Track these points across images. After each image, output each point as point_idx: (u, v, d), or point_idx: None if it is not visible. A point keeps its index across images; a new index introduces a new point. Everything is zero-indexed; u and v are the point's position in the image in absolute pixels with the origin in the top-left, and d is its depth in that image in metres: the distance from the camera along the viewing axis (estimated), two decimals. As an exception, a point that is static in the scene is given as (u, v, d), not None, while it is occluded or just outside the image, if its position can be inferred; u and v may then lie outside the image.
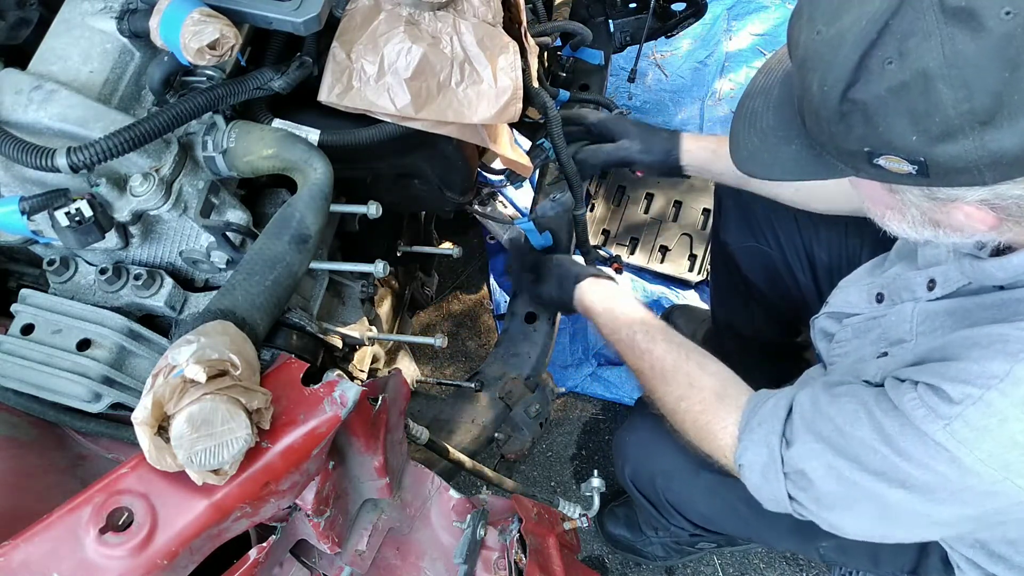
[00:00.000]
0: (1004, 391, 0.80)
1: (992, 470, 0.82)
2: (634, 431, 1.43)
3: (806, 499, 1.00)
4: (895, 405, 0.88)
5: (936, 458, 0.84)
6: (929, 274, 1.02)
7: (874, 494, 0.91)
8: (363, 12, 1.07)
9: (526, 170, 1.35)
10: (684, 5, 1.85)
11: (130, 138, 0.87)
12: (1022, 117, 0.66)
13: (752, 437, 1.06)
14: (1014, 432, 0.80)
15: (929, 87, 0.68)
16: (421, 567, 1.01)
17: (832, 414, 0.95)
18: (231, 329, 0.81)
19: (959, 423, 0.82)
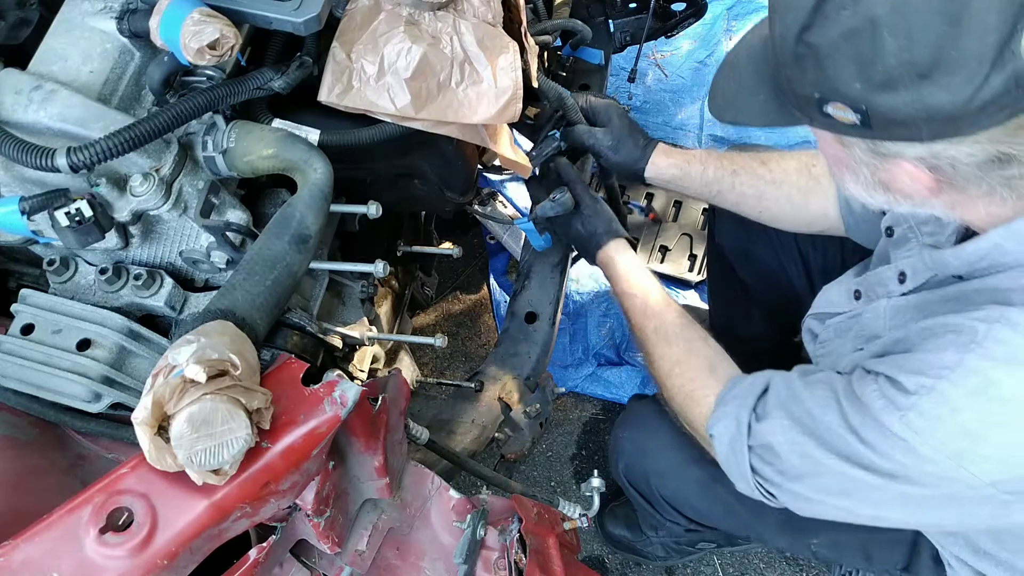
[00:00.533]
0: (955, 381, 0.81)
1: (946, 458, 0.84)
2: (628, 428, 1.43)
3: (771, 472, 1.02)
4: (858, 396, 0.90)
5: (895, 448, 0.86)
6: (899, 267, 1.04)
7: (838, 472, 0.93)
8: (363, 12, 1.07)
9: (525, 170, 1.35)
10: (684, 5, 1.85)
11: (130, 138, 0.87)
12: (957, 74, 0.68)
13: (725, 409, 1.08)
14: (965, 421, 0.82)
15: (876, 34, 0.70)
16: (421, 567, 1.01)
17: (804, 397, 0.97)
18: (231, 329, 0.81)
19: (913, 413, 0.84)
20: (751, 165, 1.36)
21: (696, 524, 1.41)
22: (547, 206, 1.34)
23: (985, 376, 0.80)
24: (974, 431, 0.82)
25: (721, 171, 1.36)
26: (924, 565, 1.22)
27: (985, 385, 0.80)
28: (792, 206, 1.33)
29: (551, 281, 1.58)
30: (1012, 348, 0.79)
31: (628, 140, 1.39)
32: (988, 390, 0.80)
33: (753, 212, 1.38)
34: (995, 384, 0.80)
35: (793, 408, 0.98)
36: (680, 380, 1.20)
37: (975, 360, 0.81)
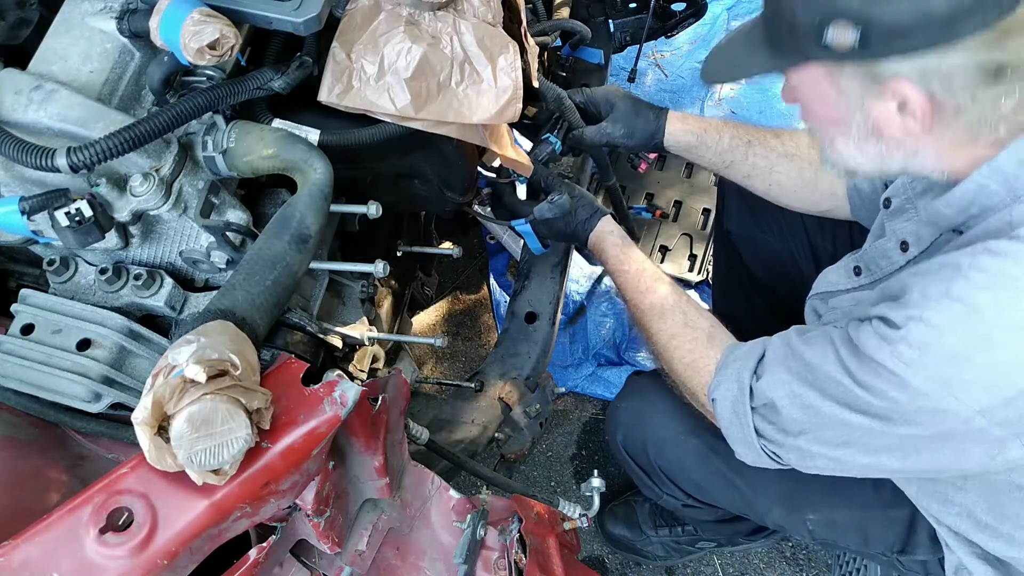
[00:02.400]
0: (940, 310, 0.84)
1: (936, 387, 0.85)
2: (626, 398, 1.44)
3: (773, 432, 1.03)
4: (854, 341, 0.92)
5: (888, 384, 0.88)
6: (900, 236, 1.05)
7: (837, 419, 0.94)
8: (363, 12, 1.07)
9: (526, 170, 1.35)
10: (684, 5, 1.85)
11: (130, 138, 0.87)
12: None
13: (726, 372, 1.09)
14: (950, 345, 0.83)
15: None
16: (421, 567, 1.01)
17: (802, 351, 0.99)
18: (231, 329, 0.81)
19: (903, 345, 0.86)
20: (765, 137, 1.36)
21: (693, 499, 1.41)
22: (545, 208, 1.34)
23: (968, 302, 0.82)
24: (960, 354, 0.83)
25: (736, 140, 1.37)
26: (920, 544, 1.22)
27: (968, 310, 0.82)
28: (803, 181, 1.34)
29: (551, 281, 1.59)
30: (993, 273, 0.81)
31: (638, 120, 1.38)
32: (971, 315, 0.82)
33: (763, 186, 1.38)
34: (978, 308, 0.82)
35: (792, 363, 0.99)
36: (679, 352, 1.20)
37: (959, 288, 0.83)
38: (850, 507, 1.26)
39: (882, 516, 1.24)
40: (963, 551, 1.11)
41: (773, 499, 1.29)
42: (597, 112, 1.41)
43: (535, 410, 1.46)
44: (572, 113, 1.38)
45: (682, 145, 1.40)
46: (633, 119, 1.38)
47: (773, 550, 1.93)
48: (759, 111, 2.57)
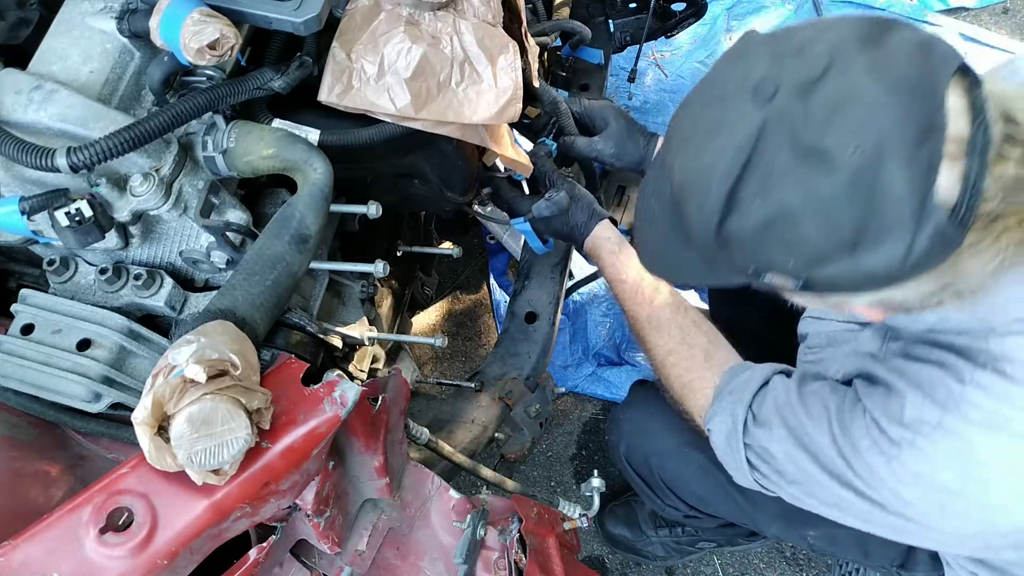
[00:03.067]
0: (935, 440, 0.84)
1: (929, 508, 0.88)
2: (629, 410, 1.44)
3: (767, 470, 1.04)
4: (849, 426, 0.92)
5: (882, 485, 0.90)
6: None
7: (830, 489, 0.95)
8: (363, 12, 1.07)
9: (526, 169, 1.35)
10: (684, 5, 1.85)
11: (130, 138, 0.86)
12: (884, 242, 0.69)
13: (722, 404, 1.09)
14: (945, 481, 0.85)
15: (794, 222, 0.71)
16: (421, 567, 1.01)
17: (799, 411, 0.99)
18: (231, 329, 0.81)
19: (897, 464, 0.87)
20: None
21: (695, 510, 1.41)
22: (542, 206, 1.34)
23: (964, 439, 0.83)
24: (955, 490, 0.85)
25: None
26: (921, 562, 1.22)
27: (965, 448, 0.83)
28: None
29: (551, 281, 1.58)
30: (987, 412, 0.82)
31: (628, 143, 1.38)
32: (967, 453, 0.83)
33: None
34: (973, 448, 0.83)
35: (789, 418, 1.00)
36: (676, 370, 1.20)
37: (953, 421, 0.83)
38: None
39: None
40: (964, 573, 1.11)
41: (773, 515, 1.30)
42: (591, 125, 1.41)
43: (535, 410, 1.46)
44: (566, 117, 1.38)
45: None
46: (624, 141, 1.38)
47: (773, 550, 1.93)
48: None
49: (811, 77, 0.70)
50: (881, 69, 0.68)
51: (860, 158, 0.67)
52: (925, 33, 0.72)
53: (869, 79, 0.68)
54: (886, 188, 0.67)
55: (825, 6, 2.74)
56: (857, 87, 0.68)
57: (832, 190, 0.68)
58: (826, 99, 0.69)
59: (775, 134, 0.71)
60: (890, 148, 0.67)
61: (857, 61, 0.69)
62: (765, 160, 0.71)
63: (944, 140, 0.67)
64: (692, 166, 0.78)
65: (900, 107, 0.67)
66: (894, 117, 0.67)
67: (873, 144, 0.67)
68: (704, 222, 0.77)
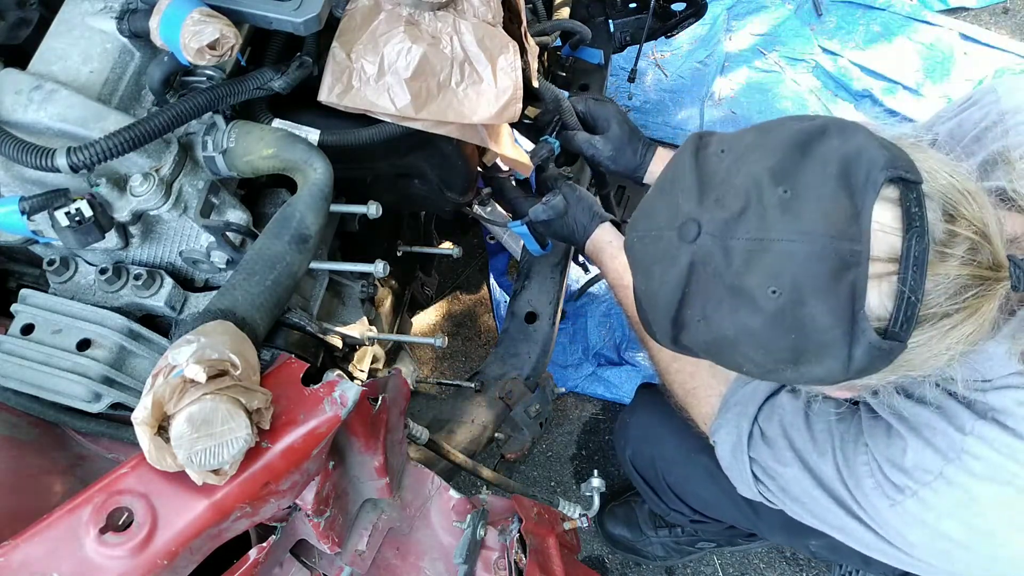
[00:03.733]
0: (937, 490, 0.85)
1: (933, 552, 0.89)
2: (635, 414, 1.44)
3: (773, 485, 1.05)
4: (852, 461, 0.94)
5: (886, 524, 0.91)
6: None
7: (835, 514, 0.97)
8: (363, 12, 1.07)
9: (526, 169, 1.35)
10: (684, 5, 1.85)
11: (130, 138, 0.86)
12: (824, 359, 0.73)
13: (727, 416, 1.10)
14: (949, 530, 0.86)
15: (735, 347, 0.77)
16: (421, 567, 1.01)
17: (806, 434, 1.00)
18: (231, 329, 0.81)
19: (899, 509, 0.88)
20: None
21: (700, 515, 1.41)
22: (539, 209, 1.34)
23: (966, 490, 0.84)
24: (959, 540, 0.86)
25: None
26: None
27: (968, 500, 0.84)
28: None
29: (551, 281, 1.58)
30: (990, 466, 0.83)
31: (627, 148, 1.38)
32: (971, 506, 0.84)
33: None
34: (977, 501, 0.84)
35: (795, 439, 1.00)
36: (680, 376, 1.20)
37: (955, 472, 0.84)
38: None
39: None
40: None
41: (777, 525, 1.29)
42: (593, 126, 1.42)
43: (535, 410, 1.46)
44: (569, 115, 1.39)
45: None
46: (623, 145, 1.39)
47: (773, 550, 1.93)
48: (759, 111, 2.57)
49: (728, 220, 0.73)
50: (794, 210, 0.71)
51: (779, 300, 0.71)
52: (854, 142, 0.73)
53: (781, 223, 0.71)
54: (811, 320, 0.71)
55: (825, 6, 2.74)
56: (771, 232, 0.71)
57: (760, 325, 0.73)
58: (743, 242, 0.72)
59: (704, 269, 0.75)
60: (807, 288, 0.70)
61: (771, 202, 0.72)
62: (701, 290, 0.76)
63: (867, 265, 0.69)
64: (644, 288, 0.84)
65: (812, 249, 0.69)
66: (806, 260, 0.69)
67: (790, 286, 0.70)
68: (662, 334, 0.84)
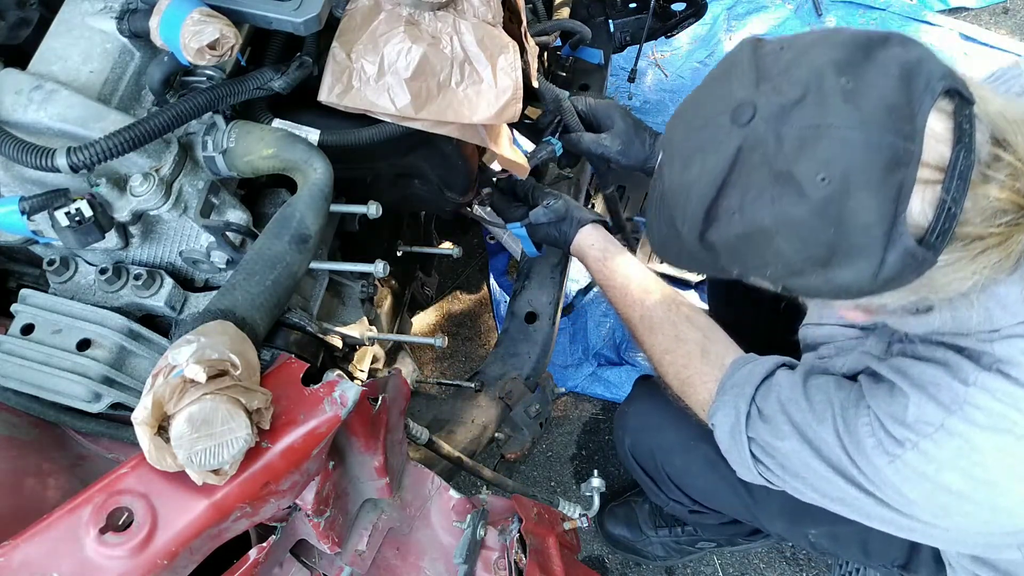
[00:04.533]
0: (938, 441, 0.85)
1: (932, 507, 0.89)
2: (634, 404, 1.44)
3: (772, 464, 1.04)
4: (853, 424, 0.93)
5: (885, 485, 0.90)
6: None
7: (835, 484, 0.96)
8: (363, 12, 1.07)
9: (522, 171, 1.35)
10: (684, 5, 1.85)
11: (130, 138, 0.86)
12: (855, 261, 0.72)
13: (724, 398, 1.10)
14: (949, 481, 0.86)
15: (769, 240, 0.75)
16: (421, 567, 1.01)
17: (804, 406, 0.99)
18: (231, 329, 0.81)
19: (900, 463, 0.88)
20: None
21: (699, 505, 1.41)
22: (540, 212, 1.35)
23: (968, 440, 0.84)
24: (959, 491, 0.86)
25: None
26: (924, 564, 1.22)
27: (968, 449, 0.84)
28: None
29: (551, 281, 1.58)
30: (992, 415, 0.83)
31: (635, 140, 1.38)
32: (972, 455, 0.84)
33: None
34: (978, 450, 0.83)
35: (794, 413, 1.00)
36: (673, 367, 1.20)
37: (957, 423, 0.84)
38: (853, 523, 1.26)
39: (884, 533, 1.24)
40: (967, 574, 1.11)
41: (776, 512, 1.30)
42: (596, 124, 1.41)
43: (535, 410, 1.46)
44: (570, 115, 1.38)
45: None
46: (631, 138, 1.38)
47: (773, 550, 1.93)
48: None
49: (786, 105, 0.73)
50: (855, 100, 0.70)
51: (828, 188, 0.70)
52: (915, 52, 0.73)
53: (842, 111, 0.70)
54: (854, 215, 0.70)
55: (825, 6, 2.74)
56: (828, 118, 0.71)
57: (802, 214, 0.72)
58: (798, 129, 0.72)
59: (751, 156, 0.74)
60: (857, 179, 0.69)
61: (833, 90, 0.71)
62: (743, 179, 0.75)
63: (916, 168, 0.69)
64: (679, 179, 0.82)
65: (870, 139, 0.69)
66: (862, 149, 0.69)
67: (840, 175, 0.70)
68: (688, 229, 0.81)
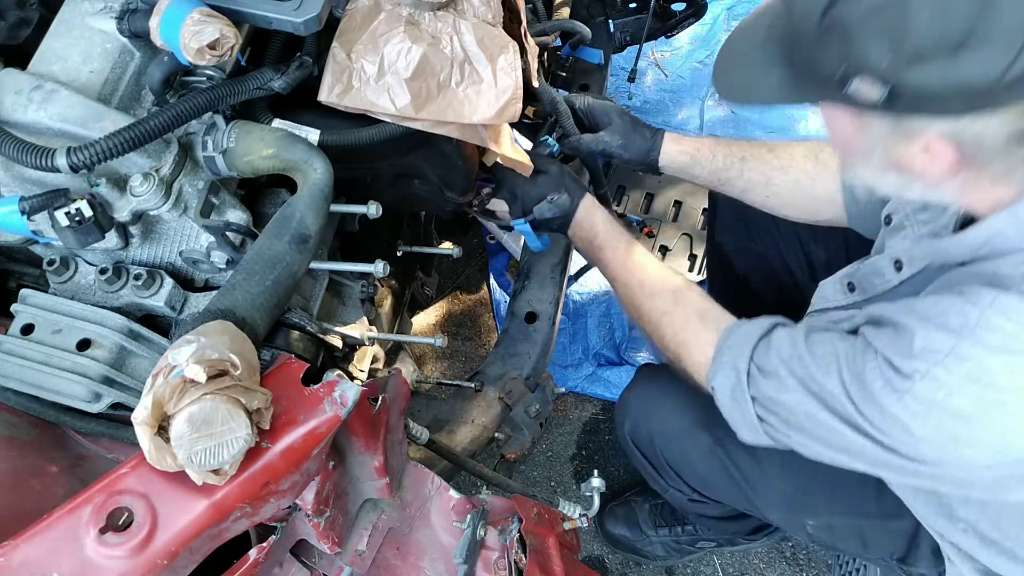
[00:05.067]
0: (949, 367, 0.82)
1: (942, 440, 0.85)
2: (635, 390, 1.44)
3: (776, 421, 1.03)
4: (859, 369, 0.91)
5: (892, 426, 0.88)
6: (895, 255, 1.04)
7: (838, 432, 0.94)
8: (363, 12, 1.07)
9: (526, 169, 1.35)
10: (684, 5, 1.85)
11: (130, 138, 0.86)
12: (990, 47, 0.68)
13: (722, 359, 1.09)
14: (959, 406, 0.83)
15: (907, 7, 0.70)
16: (421, 567, 1.01)
17: (807, 359, 0.98)
18: (231, 329, 0.81)
19: (910, 397, 0.85)
20: (759, 152, 1.37)
21: (698, 494, 1.41)
22: (544, 207, 1.35)
23: (979, 363, 0.81)
24: (969, 415, 0.83)
25: (730, 158, 1.37)
26: (922, 558, 1.22)
27: (979, 372, 0.81)
28: (799, 191, 1.34)
29: (551, 281, 1.58)
30: (1005, 336, 0.80)
31: (635, 135, 1.39)
32: (982, 377, 0.81)
33: (760, 198, 1.38)
34: (989, 371, 0.81)
35: (796, 368, 0.99)
36: (671, 329, 1.19)
37: (968, 347, 0.81)
38: (851, 515, 1.26)
39: (883, 526, 1.24)
40: (966, 567, 1.11)
41: (775, 501, 1.30)
42: (595, 123, 1.42)
43: (535, 410, 1.46)
44: (566, 118, 1.38)
45: (677, 165, 1.40)
46: (630, 133, 1.39)
47: (773, 550, 1.93)
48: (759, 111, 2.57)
49: None
50: None
51: None
52: None
53: None
54: None
55: (825, 6, 2.73)
56: None
57: None
58: None
59: None
60: None
61: None
62: None
63: None
64: None
65: None
66: None
67: None
68: (810, 9, 0.77)
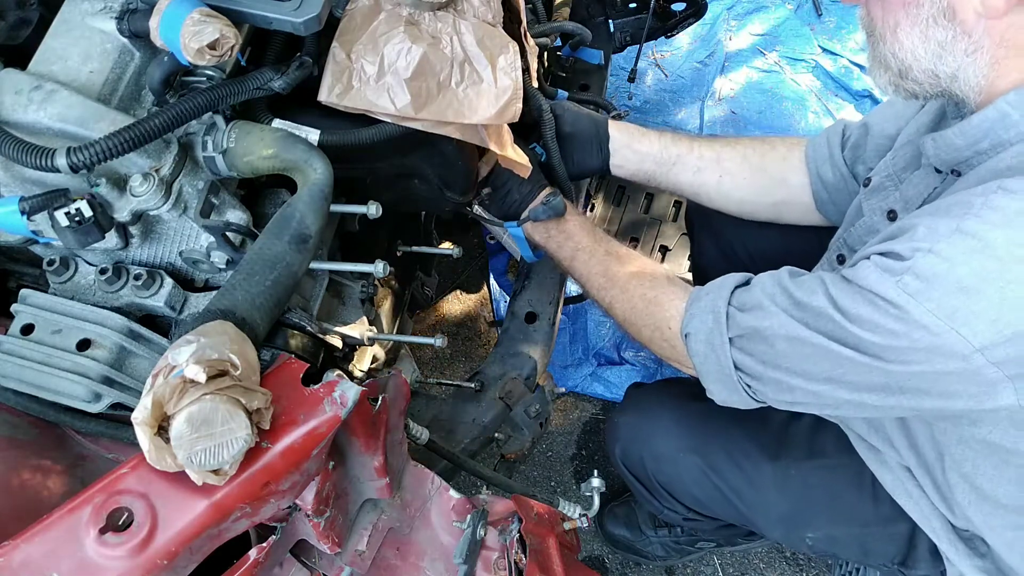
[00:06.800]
0: (952, 242, 0.82)
1: (938, 320, 0.83)
2: (625, 414, 1.44)
3: (752, 363, 1.01)
4: (850, 280, 0.90)
5: (885, 316, 0.86)
6: (886, 207, 1.04)
7: (823, 352, 0.92)
8: (363, 12, 1.07)
9: (525, 170, 1.35)
10: (684, 5, 1.85)
11: (130, 138, 0.86)
12: None
13: (699, 305, 1.08)
14: (961, 276, 0.82)
15: None
16: (421, 567, 1.01)
17: (791, 288, 0.97)
18: (231, 329, 0.81)
19: (909, 276, 0.84)
20: (707, 139, 1.41)
21: (694, 512, 1.41)
22: (539, 210, 1.35)
23: (981, 237, 0.81)
24: (970, 286, 0.82)
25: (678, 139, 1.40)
26: (921, 560, 1.22)
27: (981, 245, 0.81)
28: (750, 166, 1.36)
29: (551, 281, 1.59)
30: (1008, 212, 0.80)
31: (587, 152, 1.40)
32: (984, 249, 0.81)
33: (714, 178, 1.38)
34: (991, 244, 0.81)
35: (779, 299, 0.98)
36: (640, 288, 1.19)
37: (971, 224, 0.81)
38: (850, 525, 1.26)
39: (882, 532, 1.24)
40: (965, 564, 1.11)
41: (773, 520, 1.29)
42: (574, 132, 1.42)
43: (535, 410, 1.46)
44: (549, 127, 1.38)
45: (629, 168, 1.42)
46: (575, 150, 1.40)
47: (773, 550, 1.93)
48: (759, 111, 2.57)
49: None
50: None
51: None
52: None
53: None
54: None
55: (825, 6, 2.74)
56: None
57: None
58: None
59: None
60: None
61: None
62: None
63: None
64: None
65: None
66: None
67: None
68: None
